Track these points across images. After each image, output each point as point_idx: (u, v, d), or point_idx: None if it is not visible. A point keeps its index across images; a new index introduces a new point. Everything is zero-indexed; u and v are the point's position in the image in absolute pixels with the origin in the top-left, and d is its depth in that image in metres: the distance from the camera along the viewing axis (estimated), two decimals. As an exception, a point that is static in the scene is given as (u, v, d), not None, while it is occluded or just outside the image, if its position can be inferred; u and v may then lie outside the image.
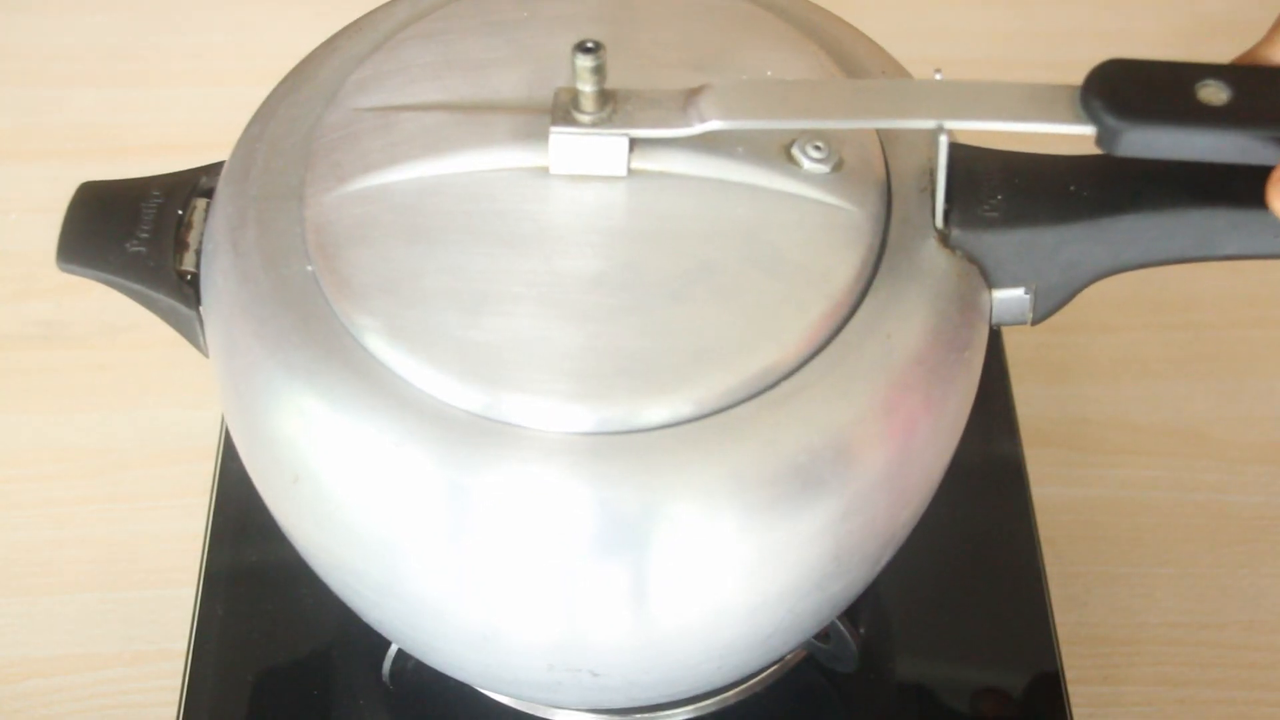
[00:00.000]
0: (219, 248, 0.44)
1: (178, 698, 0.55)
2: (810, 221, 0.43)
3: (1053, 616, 0.56)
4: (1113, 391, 0.65)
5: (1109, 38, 0.79)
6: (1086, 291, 0.47)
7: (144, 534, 0.62)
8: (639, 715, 0.54)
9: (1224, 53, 0.78)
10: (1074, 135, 0.41)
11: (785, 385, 0.40)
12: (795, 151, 0.43)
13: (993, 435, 0.61)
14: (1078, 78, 0.66)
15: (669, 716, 0.54)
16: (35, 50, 0.79)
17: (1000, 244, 0.43)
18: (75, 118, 0.76)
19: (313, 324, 0.41)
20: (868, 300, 0.42)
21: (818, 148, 0.43)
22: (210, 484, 0.60)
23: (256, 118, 0.47)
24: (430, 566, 0.41)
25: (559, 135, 0.42)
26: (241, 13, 0.80)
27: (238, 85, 0.55)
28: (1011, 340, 0.64)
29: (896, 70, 0.48)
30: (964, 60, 0.77)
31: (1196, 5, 0.79)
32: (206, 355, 0.46)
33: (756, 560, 0.40)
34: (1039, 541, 0.58)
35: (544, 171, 0.43)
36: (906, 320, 0.42)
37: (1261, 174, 0.41)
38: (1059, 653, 0.56)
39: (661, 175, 0.43)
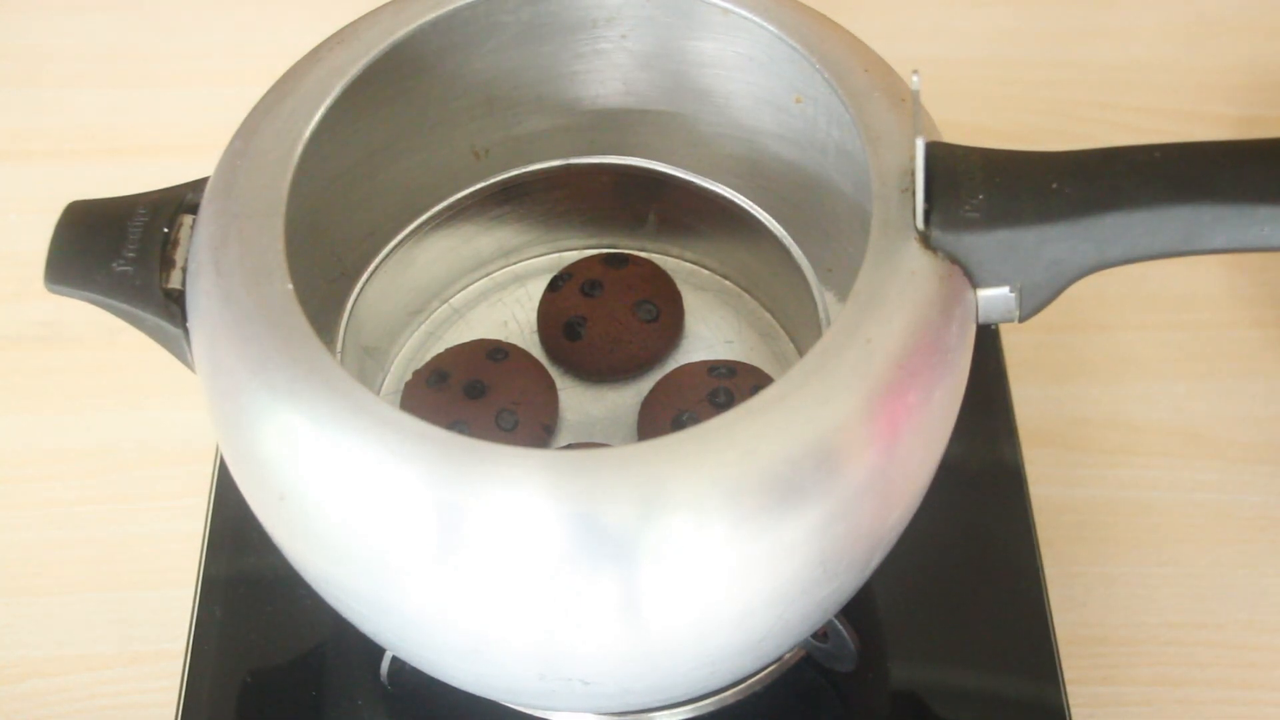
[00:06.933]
0: (202, 267, 0.45)
1: (176, 698, 0.55)
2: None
3: (1051, 617, 0.56)
4: (1111, 391, 0.65)
5: (1110, 36, 0.78)
6: (1084, 291, 0.47)
7: (143, 535, 0.62)
8: (635, 715, 0.54)
9: (1225, 49, 0.77)
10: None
11: (764, 394, 0.40)
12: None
13: (991, 436, 0.61)
14: (1078, 76, 0.66)
15: (667, 717, 0.54)
16: (35, 50, 0.79)
17: (983, 244, 0.43)
18: (75, 118, 0.76)
19: (294, 344, 0.42)
20: (847, 305, 0.42)
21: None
22: (209, 485, 0.60)
23: (239, 132, 0.48)
24: (416, 583, 0.41)
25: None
26: (242, 13, 0.80)
27: (238, 85, 0.55)
28: (1010, 340, 0.64)
29: (880, 69, 0.48)
30: (962, 60, 0.77)
31: (1197, 3, 0.79)
32: (194, 372, 0.46)
33: (742, 569, 0.40)
34: (1038, 542, 0.58)
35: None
36: (887, 324, 0.42)
37: (1249, 165, 0.41)
38: (1058, 653, 0.56)
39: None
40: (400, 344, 0.58)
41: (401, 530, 0.40)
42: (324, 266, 0.53)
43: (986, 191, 0.43)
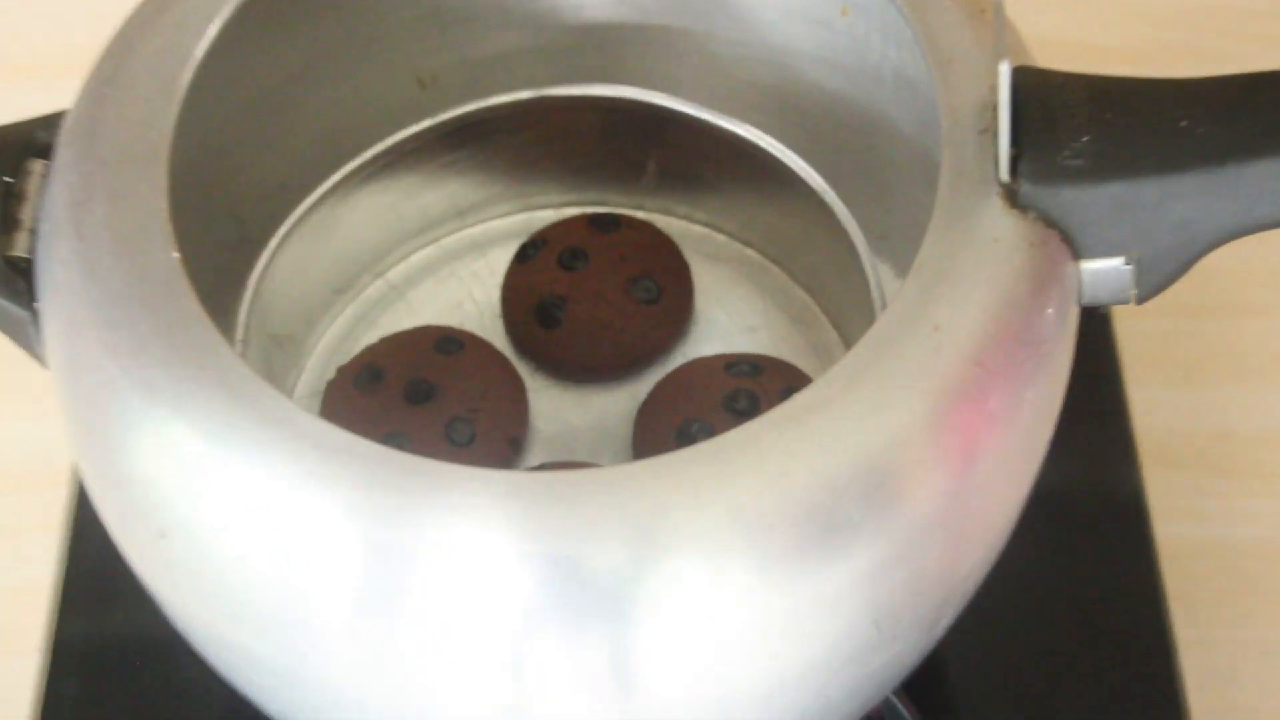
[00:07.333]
0: (59, 228, 0.45)
1: (15, 805, 0.56)
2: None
3: (1186, 698, 0.57)
4: (1263, 397, 0.66)
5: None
6: (1225, 263, 0.48)
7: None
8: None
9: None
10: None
11: (798, 399, 0.41)
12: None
13: (1101, 455, 0.62)
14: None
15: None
16: None
17: (1089, 201, 0.44)
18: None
19: (180, 331, 0.42)
20: (908, 282, 0.43)
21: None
22: (64, 519, 0.61)
23: (109, 53, 0.48)
24: (339, 647, 0.41)
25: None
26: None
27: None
28: (1125, 328, 0.65)
29: None
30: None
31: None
32: (46, 367, 0.47)
33: (769, 630, 0.41)
34: (1166, 596, 0.59)
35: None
36: (960, 307, 0.42)
37: None
38: (1195, 745, 0.56)
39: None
40: (320, 331, 0.59)
41: (321, 578, 0.41)
42: (221, 230, 0.53)
43: (1094, 131, 0.44)
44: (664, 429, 0.54)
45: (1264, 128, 0.43)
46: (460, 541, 0.40)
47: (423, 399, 0.54)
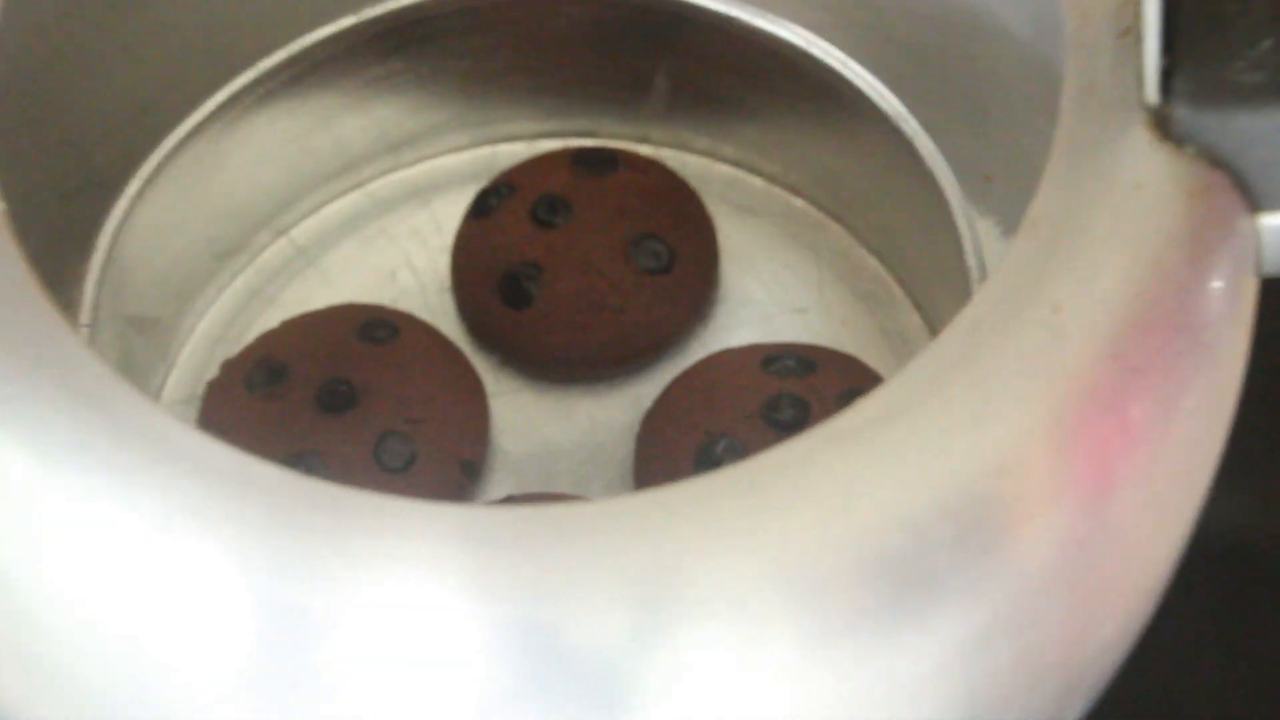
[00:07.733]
0: None
1: None
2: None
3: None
4: None
5: None
6: None
7: None
8: None
9: None
10: None
11: (867, 405, 0.41)
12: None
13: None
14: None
15: None
16: None
17: (1271, 131, 0.44)
18: None
19: (6, 310, 0.43)
20: (1016, 244, 0.43)
21: None
22: None
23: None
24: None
25: None
26: None
27: None
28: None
29: None
30: None
31: None
32: None
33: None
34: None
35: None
36: (1090, 280, 0.42)
37: None
38: None
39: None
40: (199, 312, 0.59)
41: (202, 655, 0.41)
42: (59, 170, 0.54)
43: (1278, 33, 0.44)
44: (678, 448, 0.54)
45: None
46: (395, 603, 0.40)
47: (342, 406, 0.55)
